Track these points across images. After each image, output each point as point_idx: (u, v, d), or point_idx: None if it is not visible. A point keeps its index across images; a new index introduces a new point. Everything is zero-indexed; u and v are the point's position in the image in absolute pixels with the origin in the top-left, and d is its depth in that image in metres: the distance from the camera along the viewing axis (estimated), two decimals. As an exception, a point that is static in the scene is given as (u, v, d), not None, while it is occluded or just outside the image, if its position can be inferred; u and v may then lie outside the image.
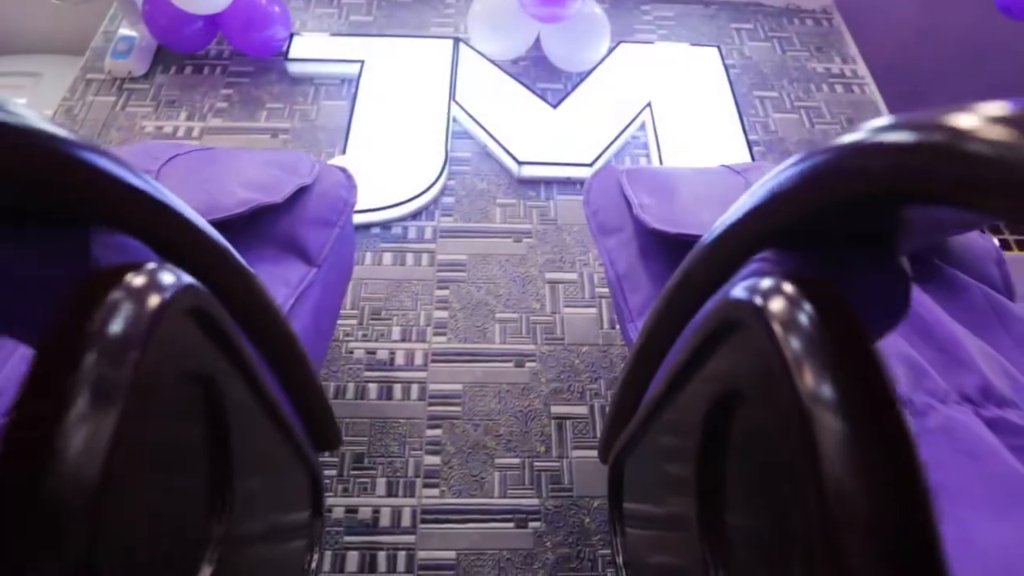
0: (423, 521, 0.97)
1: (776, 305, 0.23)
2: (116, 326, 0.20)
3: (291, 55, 1.47)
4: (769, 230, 0.29)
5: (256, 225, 0.73)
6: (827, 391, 0.19)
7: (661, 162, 1.34)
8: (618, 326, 1.17)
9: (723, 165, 0.94)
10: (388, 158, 1.32)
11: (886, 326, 0.30)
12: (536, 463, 1.02)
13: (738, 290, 0.26)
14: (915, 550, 0.16)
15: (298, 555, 0.44)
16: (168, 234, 0.28)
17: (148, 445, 0.21)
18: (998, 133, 0.17)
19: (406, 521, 0.97)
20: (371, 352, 1.13)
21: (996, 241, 0.83)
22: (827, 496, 0.17)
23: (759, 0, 1.74)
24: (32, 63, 1.78)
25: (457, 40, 1.51)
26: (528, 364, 1.12)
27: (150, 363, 0.20)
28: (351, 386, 1.09)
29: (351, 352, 1.13)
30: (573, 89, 1.46)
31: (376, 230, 1.27)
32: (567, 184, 1.35)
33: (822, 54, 1.65)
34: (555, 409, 1.07)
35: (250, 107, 1.44)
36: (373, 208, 1.24)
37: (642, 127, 1.44)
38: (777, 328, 0.22)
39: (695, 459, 0.32)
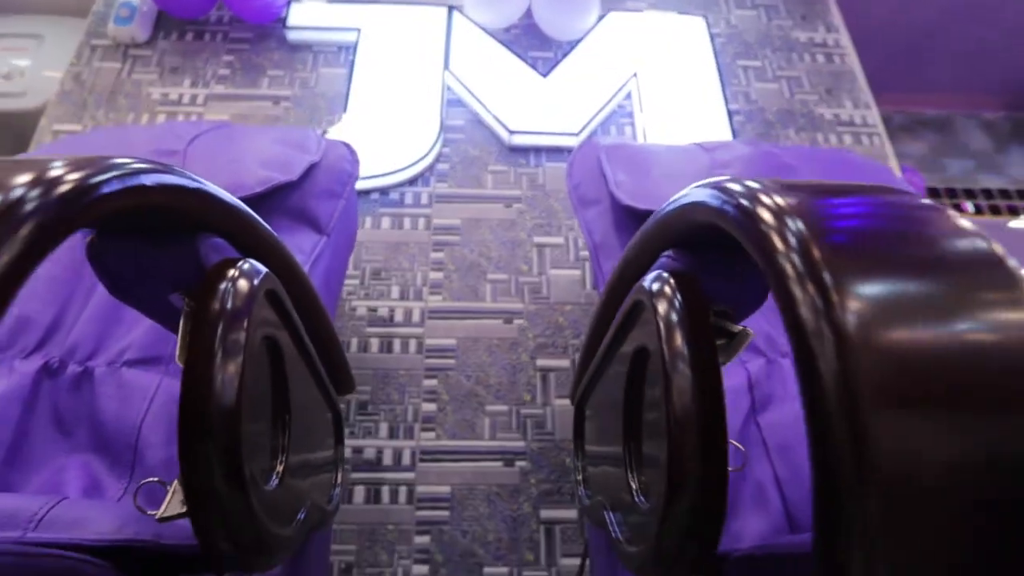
0: (421, 460, 1.09)
1: (660, 293, 0.33)
2: (233, 303, 0.30)
3: (290, 23, 1.52)
4: (667, 238, 0.40)
5: (272, 199, 0.82)
6: (679, 350, 0.29)
7: (645, 133, 1.42)
8: (597, 288, 1.27)
9: (695, 143, 1.03)
10: (386, 125, 1.39)
11: (749, 310, 0.41)
12: (523, 410, 1.14)
13: (645, 279, 0.36)
14: (714, 440, 0.26)
15: (328, 469, 0.56)
16: (246, 235, 0.38)
17: (251, 383, 0.31)
18: (760, 204, 0.26)
19: (406, 460, 1.09)
20: (372, 310, 1.23)
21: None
22: (674, 407, 0.28)
23: (747, -33, 1.78)
24: (32, 24, 1.80)
25: (451, 8, 1.56)
26: (516, 321, 1.23)
27: (251, 328, 0.30)
28: (355, 341, 1.19)
29: (354, 309, 1.23)
30: (563, 58, 1.52)
31: (375, 196, 1.35)
32: (555, 152, 1.43)
33: (806, 23, 1.70)
34: (540, 362, 1.19)
35: (252, 74, 1.50)
36: (372, 175, 1.32)
37: (628, 96, 1.50)
38: (659, 308, 0.32)
39: (623, 397, 0.43)
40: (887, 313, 0.20)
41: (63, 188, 0.22)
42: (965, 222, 0.24)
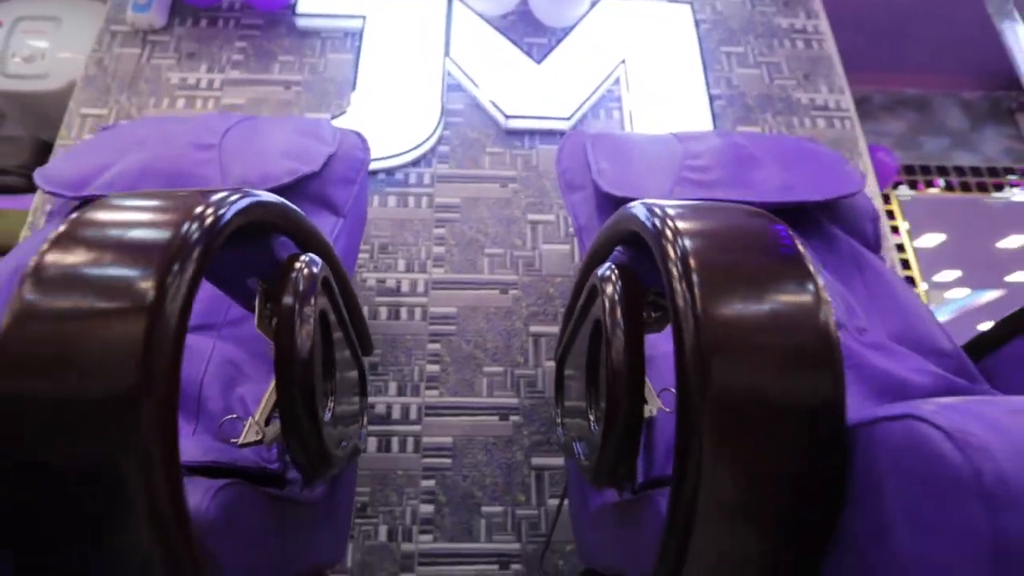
0: (426, 414, 1.24)
1: (607, 280, 0.46)
2: (303, 288, 0.43)
3: (299, 10, 1.61)
4: (617, 238, 0.53)
5: (296, 187, 0.94)
6: (617, 322, 0.42)
7: (631, 118, 1.53)
8: (587, 261, 1.40)
9: (672, 133, 1.14)
10: (391, 109, 1.50)
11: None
12: (516, 371, 1.28)
13: (599, 269, 0.49)
14: (636, 384, 0.40)
15: (357, 415, 0.71)
16: (303, 234, 0.50)
17: (316, 345, 0.44)
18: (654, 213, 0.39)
19: (413, 415, 1.24)
20: (381, 281, 1.36)
21: (875, 204, 1.05)
22: (611, 362, 0.41)
23: (734, -48, 1.85)
24: (50, 7, 1.88)
25: (451, -5, 1.64)
26: (511, 291, 1.36)
27: (315, 306, 0.43)
28: (365, 309, 1.32)
29: (364, 280, 1.36)
30: (557, 44, 1.61)
31: (382, 176, 1.47)
32: (548, 135, 1.54)
33: (788, 9, 1.79)
34: (532, 328, 1.32)
35: (264, 60, 1.60)
36: (379, 157, 1.43)
37: (617, 82, 1.61)
38: (606, 291, 0.45)
39: (587, 357, 0.56)
40: (725, 302, 0.33)
41: (208, 220, 0.34)
42: (788, 239, 0.37)
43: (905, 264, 2.09)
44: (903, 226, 2.16)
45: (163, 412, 0.30)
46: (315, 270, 0.46)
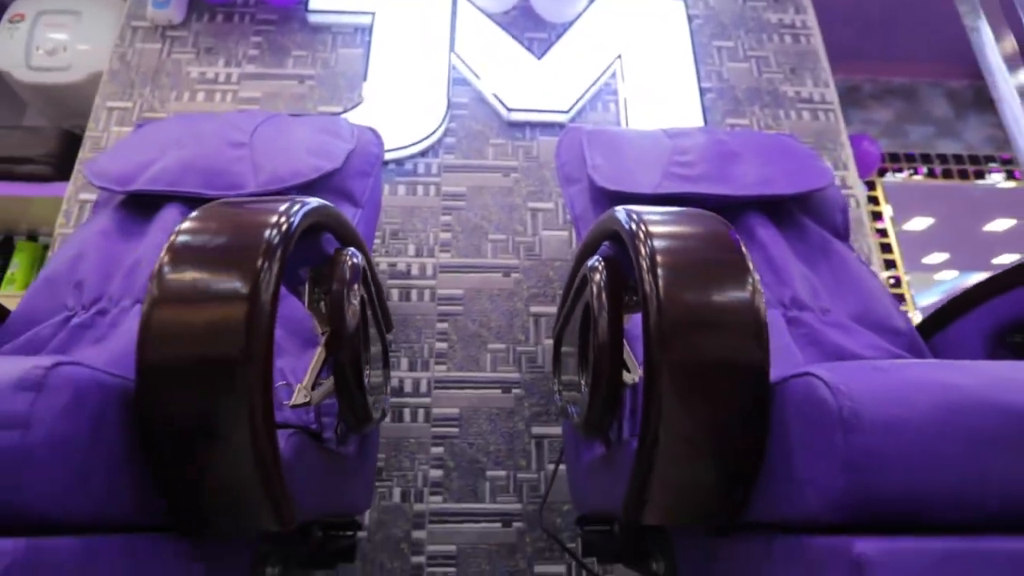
0: (435, 388, 1.35)
1: (594, 270, 0.57)
2: (350, 277, 0.54)
3: (311, 6, 1.69)
4: (604, 234, 0.63)
5: (319, 181, 1.04)
6: (602, 306, 0.54)
7: (626, 109, 1.62)
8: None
9: (661, 129, 1.24)
10: (400, 102, 1.59)
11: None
12: (518, 348, 1.39)
13: (589, 260, 0.60)
14: (616, 356, 0.51)
15: (383, 384, 0.82)
16: (343, 230, 0.61)
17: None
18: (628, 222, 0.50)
19: (423, 388, 1.35)
20: (392, 265, 1.47)
21: (844, 196, 1.15)
22: (597, 339, 0.52)
23: (728, -52, 1.93)
24: (70, 1, 1.96)
25: (455, -8, 1.72)
26: (513, 275, 1.47)
27: (358, 290, 0.54)
28: (378, 291, 1.43)
29: (377, 264, 1.46)
30: (556, 40, 1.70)
31: (392, 166, 1.56)
32: (548, 127, 1.63)
33: (778, 4, 1.87)
34: (533, 309, 1.43)
35: (278, 55, 1.68)
36: (389, 148, 1.53)
37: (613, 75, 1.69)
38: (593, 279, 0.56)
39: (580, 334, 0.67)
40: (681, 291, 0.44)
41: (283, 227, 0.45)
42: (736, 243, 0.47)
43: (887, 248, 2.20)
44: (887, 211, 2.26)
45: (261, 372, 0.41)
46: (357, 261, 0.56)
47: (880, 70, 2.46)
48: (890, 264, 2.16)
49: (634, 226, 0.49)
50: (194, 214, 0.46)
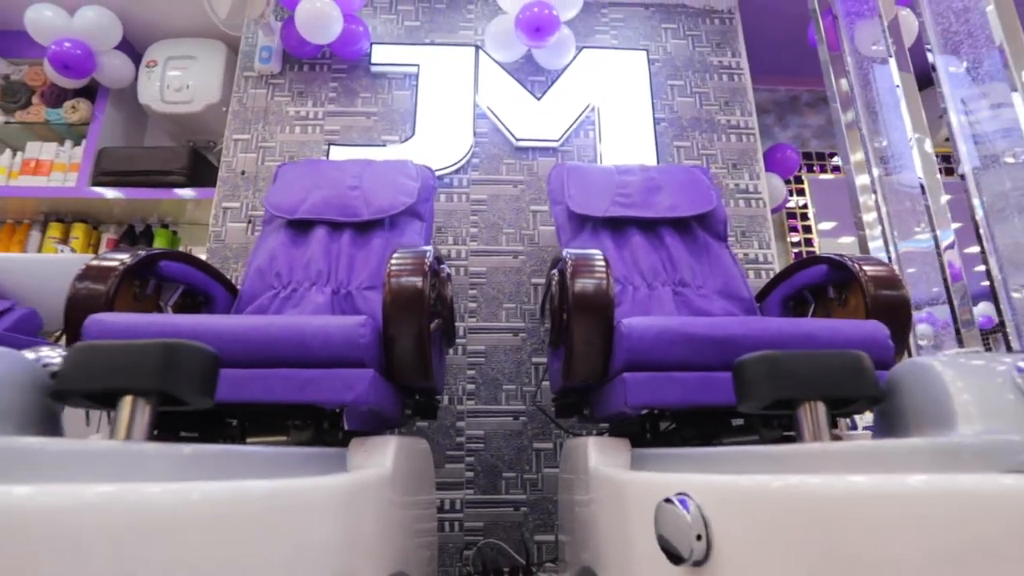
0: (469, 333, 2.06)
1: (554, 277, 1.26)
2: (429, 268, 1.24)
3: (373, 60, 2.33)
4: (559, 259, 1.32)
5: (404, 210, 1.72)
6: (556, 293, 1.22)
7: (600, 137, 2.27)
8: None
9: (615, 166, 1.90)
10: (440, 133, 2.25)
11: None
12: (523, 306, 2.10)
13: (553, 270, 1.28)
14: (562, 312, 1.21)
15: (454, 333, 1.55)
16: (440, 257, 1.30)
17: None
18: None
19: (461, 333, 2.06)
20: (437, 250, 2.16)
21: (725, 211, 1.82)
22: (555, 305, 1.22)
23: (683, 2, 2.53)
24: (188, 47, 2.60)
25: (477, 48, 2.35)
26: (520, 258, 2.16)
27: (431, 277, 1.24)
28: (429, 269, 2.13)
29: (427, 251, 2.16)
30: (552, 84, 2.33)
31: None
32: (545, 151, 2.29)
33: (720, 49, 2.48)
34: (533, 280, 2.13)
35: (350, 96, 2.34)
36: (435, 169, 2.20)
37: (592, 110, 2.33)
38: (554, 279, 1.25)
39: (548, 303, 1.37)
40: (579, 284, 1.13)
41: (425, 264, 1.13)
42: (603, 264, 1.15)
43: (808, 229, 2.86)
44: (809, 202, 2.91)
45: (424, 314, 1.11)
46: (430, 255, 1.25)
47: (815, 82, 3.05)
48: (808, 241, 2.82)
49: (565, 255, 1.19)
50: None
